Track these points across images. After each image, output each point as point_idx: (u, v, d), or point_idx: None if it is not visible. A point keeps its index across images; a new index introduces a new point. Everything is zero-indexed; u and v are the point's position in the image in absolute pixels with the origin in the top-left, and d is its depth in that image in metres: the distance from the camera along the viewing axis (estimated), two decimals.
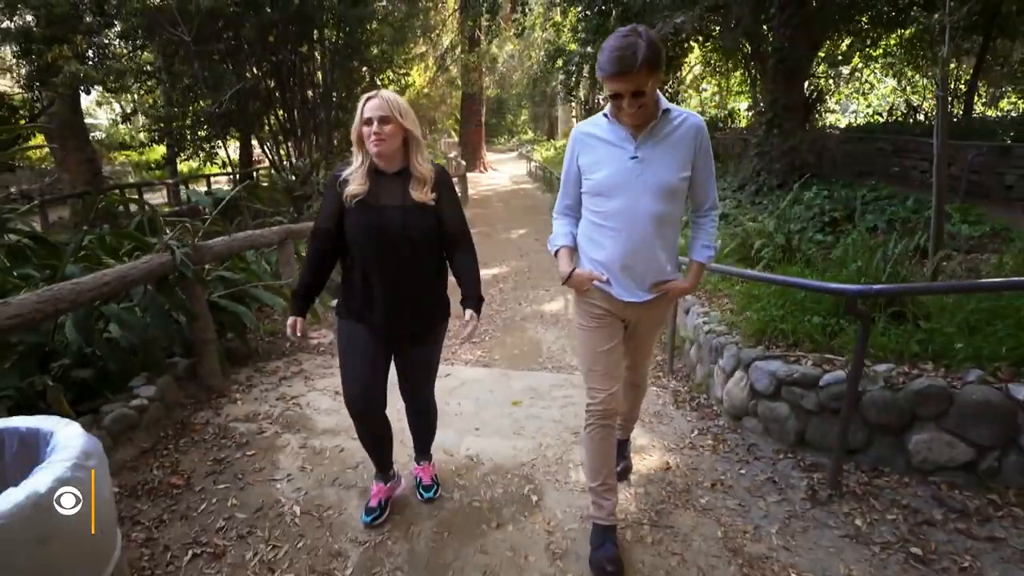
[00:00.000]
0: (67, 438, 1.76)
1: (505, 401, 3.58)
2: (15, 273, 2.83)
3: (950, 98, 13.31)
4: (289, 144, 12.72)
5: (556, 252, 2.19)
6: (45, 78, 9.75)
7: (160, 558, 2.23)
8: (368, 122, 1.94)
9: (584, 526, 2.33)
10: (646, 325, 2.21)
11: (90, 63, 10.71)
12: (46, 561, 1.53)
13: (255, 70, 11.48)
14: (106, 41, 11.67)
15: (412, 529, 2.37)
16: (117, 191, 13.10)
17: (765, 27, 9.50)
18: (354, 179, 2.01)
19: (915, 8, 11.09)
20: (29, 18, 10.31)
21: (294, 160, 12.44)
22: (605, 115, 1.97)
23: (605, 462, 2.15)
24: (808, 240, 5.27)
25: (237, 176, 14.39)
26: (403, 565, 2.19)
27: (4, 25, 8.92)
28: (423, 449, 2.59)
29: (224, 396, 3.59)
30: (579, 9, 14.85)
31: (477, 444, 3.01)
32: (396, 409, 2.43)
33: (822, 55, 14.99)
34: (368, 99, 1.97)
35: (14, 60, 10.23)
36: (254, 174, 11.71)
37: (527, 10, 18.86)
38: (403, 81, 17.36)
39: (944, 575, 2.04)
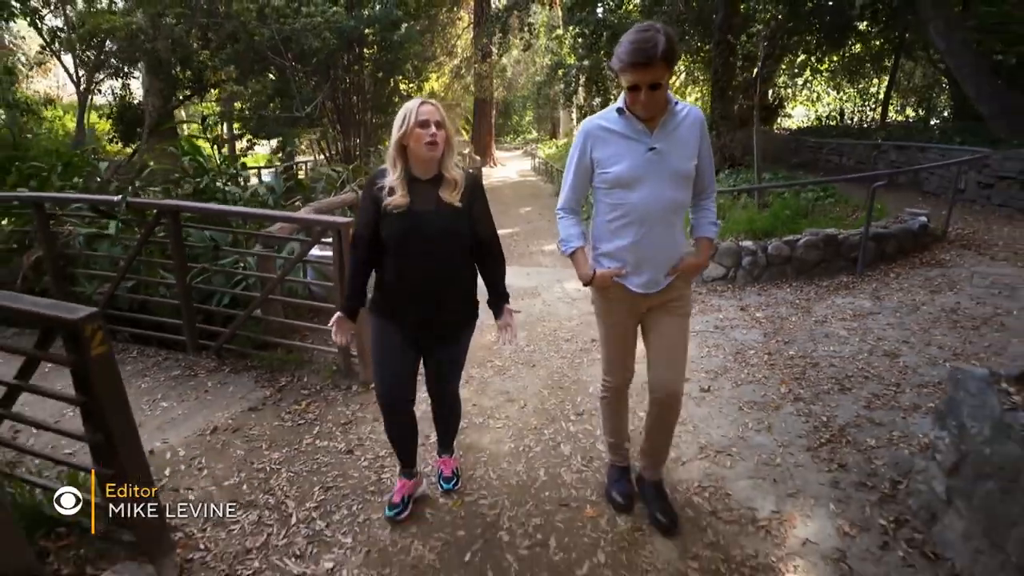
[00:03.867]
0: None
1: (521, 272, 6.81)
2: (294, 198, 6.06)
3: (875, 104, 16.47)
4: (339, 141, 16.03)
5: (572, 254, 2.19)
6: (169, 91, 12.96)
7: None
8: (425, 124, 1.96)
9: (563, 301, 5.54)
10: (668, 311, 2.16)
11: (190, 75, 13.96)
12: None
13: (315, 83, 14.77)
14: (200, 58, 14.95)
15: None
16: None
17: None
18: (396, 189, 2.02)
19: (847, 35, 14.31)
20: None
21: (341, 153, 15.79)
22: (618, 109, 1.97)
23: (620, 422, 2.46)
24: None
25: (278, 167, 17.98)
26: None
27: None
28: (447, 443, 2.64)
29: None
30: (576, 30, 17.96)
31: (509, 279, 6.22)
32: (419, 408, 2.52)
33: (784, 67, 18.18)
34: (421, 104, 1.99)
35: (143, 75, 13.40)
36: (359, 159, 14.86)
37: (532, 29, 21.98)
38: (423, 87, 20.65)
39: (697, 303, 5.24)
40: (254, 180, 6.15)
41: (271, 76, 13.95)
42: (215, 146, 7.93)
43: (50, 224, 4.29)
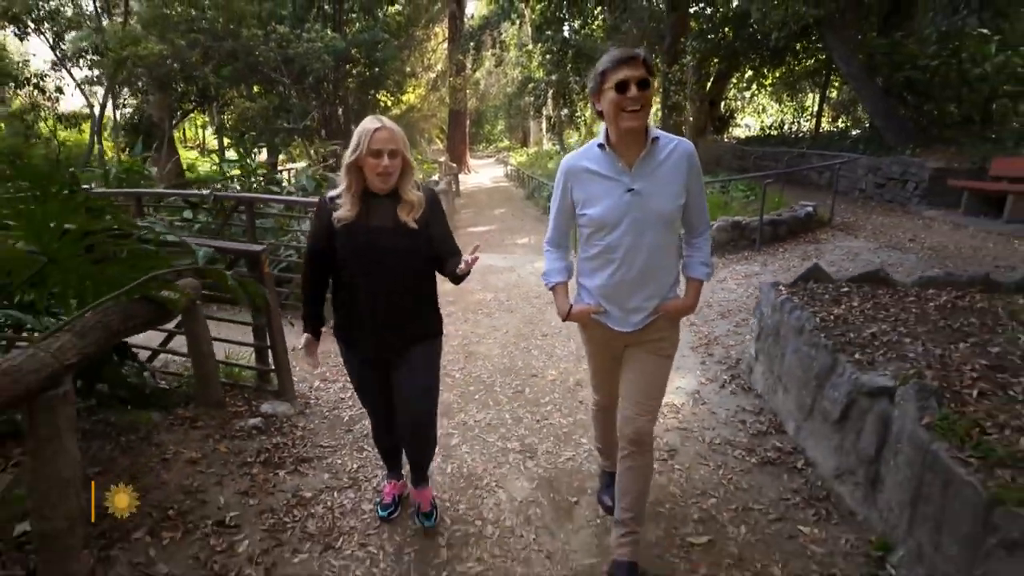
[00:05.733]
0: None
1: (499, 257, 8.33)
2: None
3: (809, 116, 18.47)
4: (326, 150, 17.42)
5: (552, 288, 2.19)
6: (176, 104, 14.18)
7: None
8: (377, 154, 1.92)
9: (533, 275, 7.07)
10: (648, 350, 2.09)
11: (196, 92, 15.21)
12: None
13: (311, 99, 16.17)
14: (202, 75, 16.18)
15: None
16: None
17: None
18: (344, 203, 2.00)
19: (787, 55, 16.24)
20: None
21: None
22: (600, 145, 1.93)
23: (609, 433, 2.45)
24: None
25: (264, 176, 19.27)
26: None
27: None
28: (419, 473, 2.47)
29: None
30: (544, 47, 19.58)
31: (490, 261, 7.74)
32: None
33: (734, 81, 20.14)
34: (376, 130, 1.92)
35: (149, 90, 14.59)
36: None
37: (503, 45, 23.64)
38: (402, 100, 22.16)
39: None
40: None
41: (258, 90, 15.28)
42: (205, 154, 9.22)
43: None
